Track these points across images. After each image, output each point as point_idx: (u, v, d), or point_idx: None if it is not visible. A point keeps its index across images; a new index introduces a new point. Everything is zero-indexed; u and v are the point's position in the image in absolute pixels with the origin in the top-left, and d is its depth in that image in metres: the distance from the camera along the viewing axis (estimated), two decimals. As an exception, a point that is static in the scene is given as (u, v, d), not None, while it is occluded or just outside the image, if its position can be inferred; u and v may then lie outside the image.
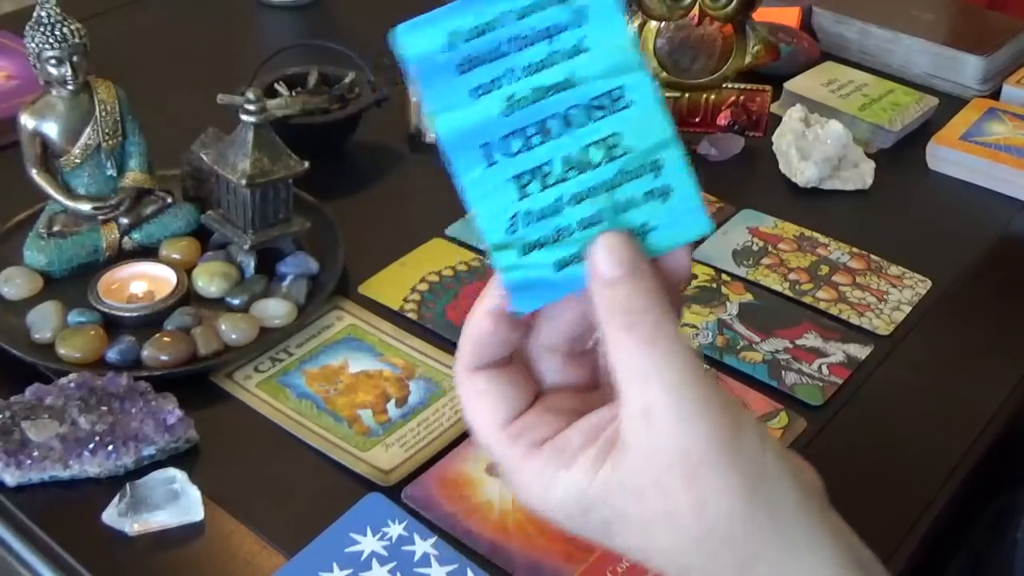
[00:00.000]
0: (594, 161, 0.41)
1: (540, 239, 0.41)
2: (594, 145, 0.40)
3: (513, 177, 0.40)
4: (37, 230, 0.86)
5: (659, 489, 0.39)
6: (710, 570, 0.40)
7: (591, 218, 0.41)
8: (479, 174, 0.40)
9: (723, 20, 1.00)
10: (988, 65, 1.17)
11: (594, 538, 0.42)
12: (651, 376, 0.38)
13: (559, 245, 0.41)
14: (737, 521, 0.39)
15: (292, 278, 0.84)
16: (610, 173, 0.41)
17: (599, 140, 0.40)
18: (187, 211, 0.89)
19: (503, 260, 0.41)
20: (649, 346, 0.39)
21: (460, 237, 0.93)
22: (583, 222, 0.41)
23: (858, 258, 0.92)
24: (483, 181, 0.40)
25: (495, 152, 0.40)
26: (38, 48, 0.81)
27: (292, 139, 0.87)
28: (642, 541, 0.40)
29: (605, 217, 0.41)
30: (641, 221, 0.41)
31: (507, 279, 0.41)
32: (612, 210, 0.41)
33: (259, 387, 0.77)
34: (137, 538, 0.66)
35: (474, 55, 0.39)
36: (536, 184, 0.40)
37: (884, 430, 0.77)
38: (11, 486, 0.68)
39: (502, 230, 0.41)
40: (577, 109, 0.40)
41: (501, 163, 0.40)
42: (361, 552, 0.65)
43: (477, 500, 0.69)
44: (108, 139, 0.85)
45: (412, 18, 0.40)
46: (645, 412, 0.38)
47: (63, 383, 0.72)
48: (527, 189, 0.40)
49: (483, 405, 0.42)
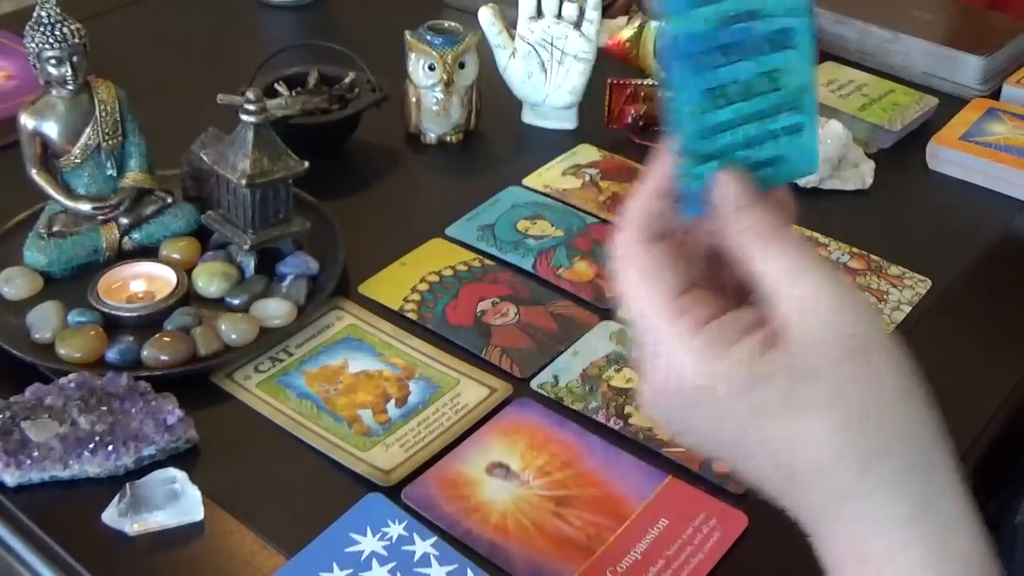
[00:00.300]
0: (761, 89, 0.46)
1: (712, 152, 0.46)
2: (764, 74, 0.46)
3: (707, 89, 0.45)
4: (37, 230, 0.86)
5: (835, 370, 0.42)
6: (869, 447, 0.42)
7: (749, 140, 0.46)
8: (685, 80, 0.45)
9: (723, 20, 1.00)
10: (988, 65, 1.17)
11: (738, 422, 0.44)
12: (800, 274, 0.43)
13: (723, 162, 0.46)
14: (908, 396, 0.44)
15: (292, 278, 0.84)
16: (768, 103, 0.46)
17: (768, 71, 0.46)
18: (187, 211, 0.89)
19: (683, 166, 0.46)
20: (795, 248, 0.44)
21: (460, 237, 0.93)
22: (744, 142, 0.46)
23: (858, 258, 0.92)
24: (688, 86, 0.45)
25: (702, 63, 0.45)
26: (38, 48, 0.81)
27: (292, 139, 0.87)
28: (793, 429, 0.42)
29: (756, 142, 0.46)
30: (777, 153, 0.47)
31: (682, 185, 0.46)
32: (763, 136, 0.46)
33: (259, 387, 0.77)
34: (137, 538, 0.66)
35: None
36: (722, 100, 0.45)
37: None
38: (11, 486, 0.68)
39: (691, 136, 0.45)
40: (760, 39, 0.45)
41: (701, 71, 0.45)
42: (361, 552, 0.65)
43: (477, 500, 0.69)
44: (108, 139, 0.85)
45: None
46: (801, 306, 0.43)
47: (63, 383, 0.72)
48: (715, 104, 0.45)
49: (655, 276, 0.45)
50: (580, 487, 0.70)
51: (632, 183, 1.03)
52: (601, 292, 0.87)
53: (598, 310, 0.85)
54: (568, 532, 0.67)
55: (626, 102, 1.06)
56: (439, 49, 1.01)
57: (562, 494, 0.70)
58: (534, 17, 1.05)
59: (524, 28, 1.05)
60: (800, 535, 0.70)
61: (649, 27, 1.02)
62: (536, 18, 1.05)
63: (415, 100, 1.04)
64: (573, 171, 1.02)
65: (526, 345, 0.82)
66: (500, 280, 0.88)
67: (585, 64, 1.05)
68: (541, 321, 0.84)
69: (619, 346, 0.81)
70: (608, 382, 0.78)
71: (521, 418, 0.75)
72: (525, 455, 0.72)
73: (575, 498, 0.69)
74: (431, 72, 1.02)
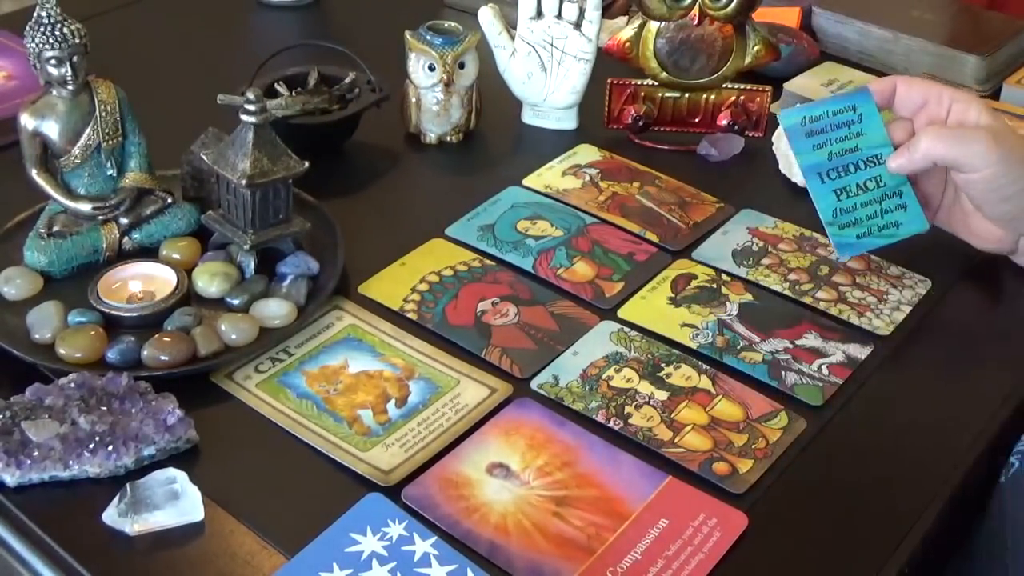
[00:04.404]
0: (869, 187, 0.86)
1: (847, 222, 0.85)
2: (869, 179, 0.86)
3: (834, 190, 0.85)
4: (37, 230, 0.86)
5: None
6: None
7: (871, 214, 0.86)
8: (818, 188, 0.85)
9: (723, 20, 1.00)
10: (988, 65, 1.17)
11: None
12: None
13: (856, 227, 0.86)
14: None
15: (292, 278, 0.84)
16: (877, 194, 0.86)
17: (871, 177, 0.86)
18: (187, 211, 0.89)
19: (830, 232, 0.85)
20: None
21: (460, 237, 0.93)
22: (867, 216, 0.86)
23: (858, 258, 0.92)
24: (821, 191, 0.85)
25: (825, 176, 0.85)
26: (38, 48, 0.81)
27: (292, 139, 0.87)
28: None
29: (878, 213, 0.86)
30: (895, 220, 0.86)
31: (833, 242, 0.86)
32: (880, 211, 0.86)
33: (259, 387, 0.77)
34: (137, 538, 0.66)
35: (815, 129, 0.85)
36: (844, 195, 0.85)
37: (884, 430, 0.77)
38: (11, 486, 0.68)
39: (829, 216, 0.85)
40: (861, 161, 0.85)
41: (828, 183, 0.85)
42: (361, 552, 0.65)
43: (477, 500, 0.69)
44: (108, 139, 0.85)
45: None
46: None
47: (63, 383, 0.72)
48: (840, 196, 0.85)
49: None
50: (580, 487, 0.70)
51: (632, 183, 1.03)
52: (601, 292, 0.87)
53: (598, 310, 0.85)
54: (568, 532, 0.67)
55: (626, 102, 1.06)
56: (439, 49, 1.01)
57: (562, 494, 0.70)
58: (534, 17, 1.05)
59: (524, 28, 1.05)
60: (800, 535, 0.70)
61: (649, 27, 1.02)
62: (536, 18, 1.05)
63: (415, 100, 1.04)
64: (573, 171, 1.02)
65: (526, 345, 0.82)
66: (500, 280, 0.88)
67: (585, 64, 1.05)
68: (541, 321, 0.84)
69: (619, 346, 0.82)
70: (608, 382, 0.78)
71: (521, 418, 0.75)
72: (525, 455, 0.72)
73: (575, 498, 0.69)
74: (431, 72, 1.02)
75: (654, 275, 0.89)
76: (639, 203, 0.98)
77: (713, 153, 1.06)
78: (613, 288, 0.88)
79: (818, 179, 0.84)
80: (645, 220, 0.96)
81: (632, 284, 0.88)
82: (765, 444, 0.74)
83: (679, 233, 0.95)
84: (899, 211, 0.85)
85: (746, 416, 0.76)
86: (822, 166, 0.84)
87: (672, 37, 1.02)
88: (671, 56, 1.03)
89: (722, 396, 0.78)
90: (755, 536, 0.68)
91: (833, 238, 0.84)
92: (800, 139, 0.84)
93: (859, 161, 0.84)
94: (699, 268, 0.90)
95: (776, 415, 0.76)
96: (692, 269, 0.90)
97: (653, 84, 1.05)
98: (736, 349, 0.82)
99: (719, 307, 0.86)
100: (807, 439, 0.75)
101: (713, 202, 0.99)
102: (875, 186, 0.84)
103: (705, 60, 1.03)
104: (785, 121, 0.84)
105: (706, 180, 1.02)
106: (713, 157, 1.06)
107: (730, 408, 0.77)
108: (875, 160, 0.85)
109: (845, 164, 0.84)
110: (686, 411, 0.76)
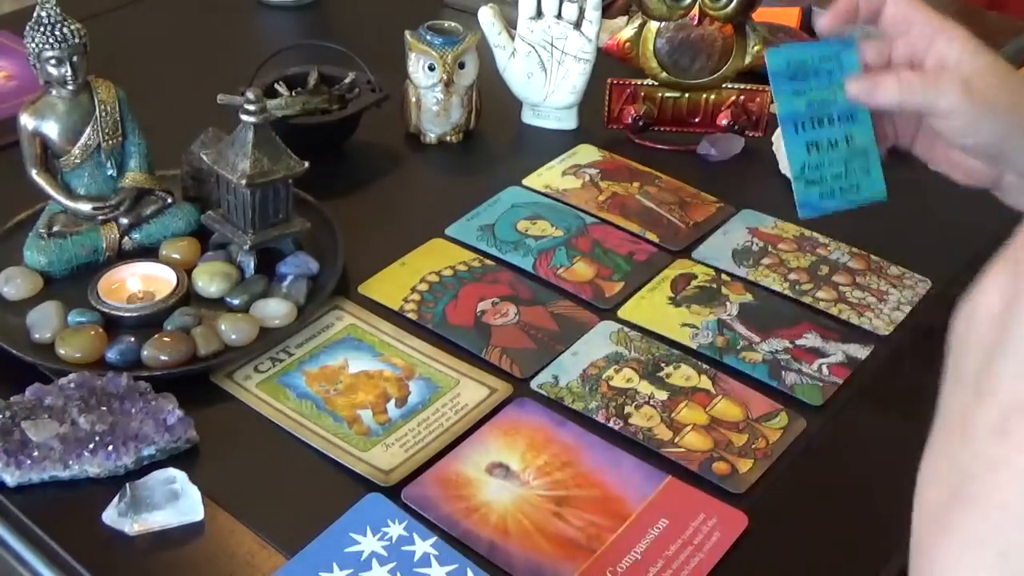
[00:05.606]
0: (839, 145, 0.79)
1: (813, 179, 0.79)
2: (841, 136, 0.79)
3: (807, 143, 0.79)
4: (37, 230, 0.86)
5: None
6: None
7: (836, 175, 0.80)
8: (792, 138, 0.79)
9: (723, 20, 1.00)
10: (988, 65, 1.17)
11: None
12: None
13: (819, 186, 0.79)
14: None
15: (292, 278, 0.84)
16: (845, 153, 0.79)
17: (844, 135, 0.79)
18: (187, 211, 0.89)
19: (796, 188, 0.79)
20: None
21: (460, 237, 0.93)
22: (832, 175, 0.80)
23: (858, 258, 0.92)
24: (794, 142, 0.79)
25: (800, 127, 0.79)
26: (38, 48, 0.81)
27: (292, 139, 0.87)
28: None
29: (842, 174, 0.80)
30: (856, 183, 0.80)
31: (798, 199, 0.79)
32: (845, 172, 0.80)
33: (259, 387, 0.77)
34: (137, 538, 0.66)
35: (798, 72, 0.78)
36: (814, 149, 0.79)
37: (884, 430, 0.77)
38: (11, 486, 0.68)
39: (798, 171, 0.79)
40: (837, 114, 0.79)
41: (801, 133, 0.79)
42: (361, 552, 0.65)
43: (477, 500, 0.69)
44: (108, 139, 0.85)
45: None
46: None
47: (63, 383, 0.72)
48: (810, 151, 0.79)
49: None
50: (580, 487, 0.70)
51: (632, 183, 1.03)
52: (601, 292, 0.87)
53: (598, 310, 0.85)
54: (568, 532, 0.67)
55: (626, 102, 1.06)
56: (439, 49, 1.01)
57: (562, 494, 0.70)
58: (534, 17, 1.05)
59: (524, 28, 1.05)
60: (800, 535, 0.70)
61: (649, 27, 1.02)
62: (536, 18, 1.05)
63: (415, 100, 1.04)
64: (573, 171, 1.02)
65: (526, 345, 0.82)
66: (500, 280, 0.88)
67: (585, 64, 1.05)
68: (541, 321, 0.84)
69: (619, 346, 0.82)
70: (608, 382, 0.78)
71: (521, 418, 0.75)
72: (525, 455, 0.72)
73: (575, 498, 0.69)
74: (431, 72, 1.02)
75: (654, 275, 0.89)
76: (639, 203, 0.98)
77: (713, 153, 1.06)
78: (613, 288, 0.88)
79: (793, 129, 0.79)
80: (645, 220, 0.96)
81: (632, 284, 0.88)
82: (765, 444, 0.74)
83: (679, 233, 0.95)
84: (862, 173, 0.80)
85: (746, 416, 0.76)
86: (800, 115, 0.79)
87: (672, 37, 1.02)
88: (671, 56, 1.03)
89: (722, 396, 0.78)
90: (755, 536, 0.68)
91: (798, 195, 0.79)
92: (782, 82, 0.78)
93: (835, 114, 0.79)
94: (699, 268, 0.90)
95: (776, 415, 0.76)
96: (692, 269, 0.90)
97: (653, 84, 1.05)
98: (736, 349, 0.82)
99: (719, 307, 0.86)
100: (807, 439, 0.75)
101: (713, 202, 0.99)
102: (845, 144, 0.79)
103: (705, 60, 1.03)
104: (771, 59, 0.79)
105: (706, 180, 1.02)
106: (713, 157, 1.06)
107: (730, 408, 0.77)
108: (850, 116, 0.79)
109: (820, 116, 0.79)
110: (686, 411, 0.76)
